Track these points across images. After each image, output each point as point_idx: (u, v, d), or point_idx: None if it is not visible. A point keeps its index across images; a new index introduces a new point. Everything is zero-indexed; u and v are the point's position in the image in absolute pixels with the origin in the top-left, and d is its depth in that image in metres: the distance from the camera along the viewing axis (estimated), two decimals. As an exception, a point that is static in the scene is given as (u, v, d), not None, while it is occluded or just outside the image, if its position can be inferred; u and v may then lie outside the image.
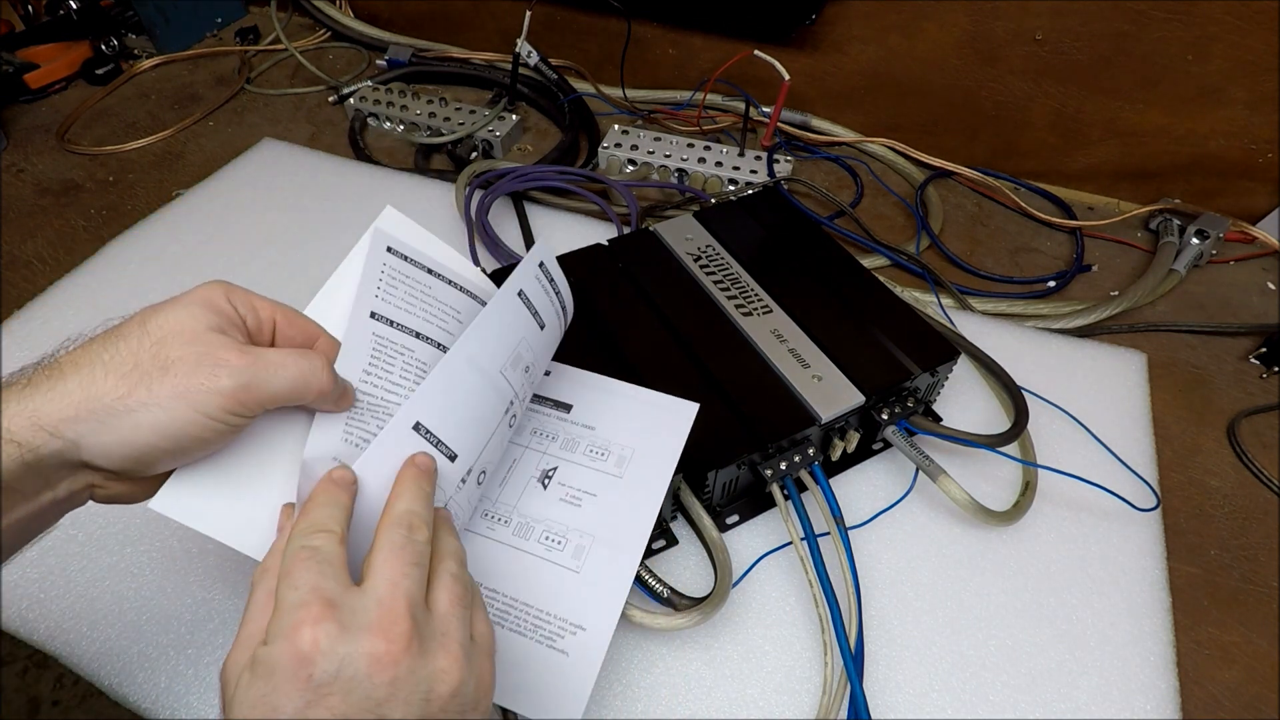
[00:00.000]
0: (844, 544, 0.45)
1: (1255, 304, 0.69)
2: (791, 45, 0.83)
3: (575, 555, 0.40)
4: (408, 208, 0.41)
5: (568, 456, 0.44)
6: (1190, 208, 0.75)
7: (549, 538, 0.41)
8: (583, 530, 0.41)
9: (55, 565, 0.46)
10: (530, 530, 0.41)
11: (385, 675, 0.25)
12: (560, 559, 0.40)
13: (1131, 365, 0.61)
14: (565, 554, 0.40)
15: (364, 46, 1.03)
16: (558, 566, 0.40)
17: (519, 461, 0.44)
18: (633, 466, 0.43)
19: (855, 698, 0.40)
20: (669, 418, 0.45)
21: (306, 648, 0.24)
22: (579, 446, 0.44)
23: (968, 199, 0.81)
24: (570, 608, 0.39)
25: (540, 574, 0.40)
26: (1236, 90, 0.69)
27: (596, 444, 0.44)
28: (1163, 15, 0.67)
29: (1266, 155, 0.71)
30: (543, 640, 0.38)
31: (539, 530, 0.41)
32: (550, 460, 0.44)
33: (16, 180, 0.81)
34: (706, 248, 0.59)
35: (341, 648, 0.24)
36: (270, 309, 0.33)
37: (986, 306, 0.67)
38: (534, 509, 0.42)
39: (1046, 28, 0.72)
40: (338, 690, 0.24)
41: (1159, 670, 0.44)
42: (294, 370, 0.30)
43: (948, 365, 0.51)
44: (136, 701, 0.41)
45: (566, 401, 0.46)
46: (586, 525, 0.41)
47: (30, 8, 0.98)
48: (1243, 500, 0.54)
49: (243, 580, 0.45)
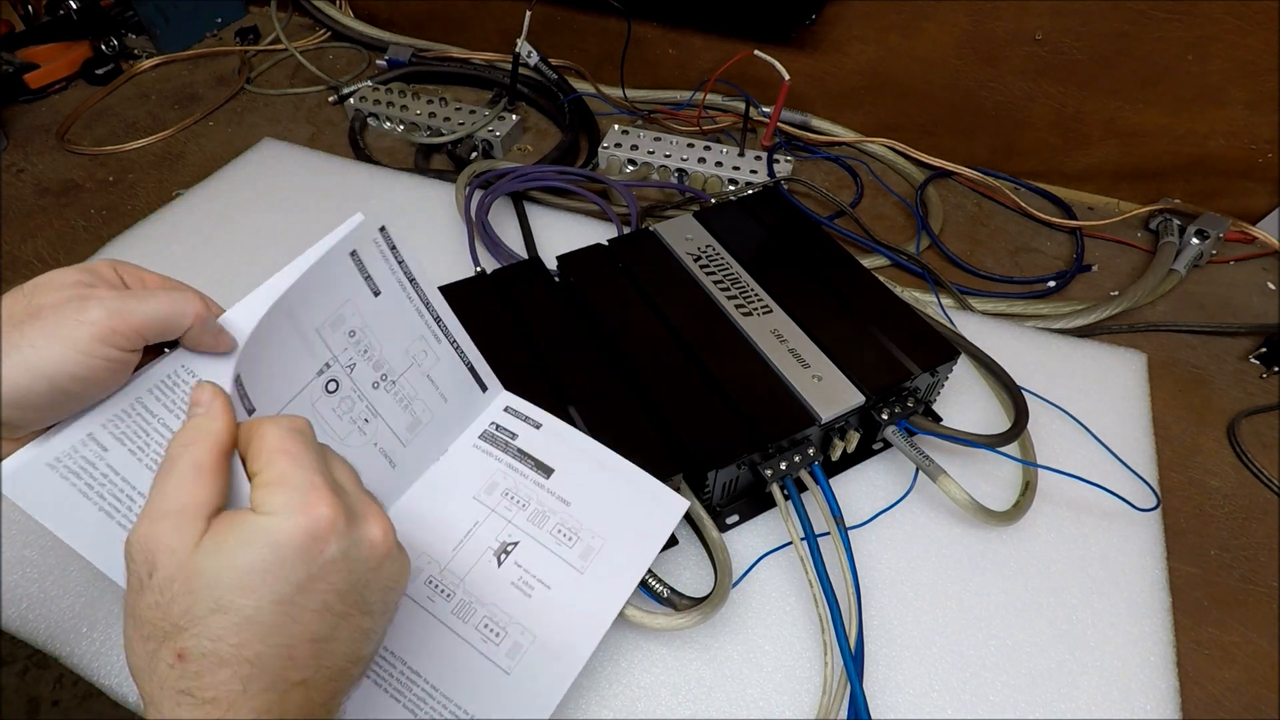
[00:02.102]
0: (844, 544, 0.45)
1: (1255, 304, 0.69)
2: (791, 45, 0.83)
3: (510, 654, 0.37)
4: (407, 207, 0.42)
5: (532, 532, 0.41)
6: (1190, 208, 0.75)
7: (489, 626, 0.38)
8: (525, 626, 0.38)
9: (55, 565, 0.46)
10: (471, 613, 0.38)
11: (375, 560, 0.28)
12: (494, 654, 0.37)
13: (1131, 365, 0.61)
14: (500, 650, 0.37)
15: (364, 46, 1.03)
16: (489, 662, 0.37)
17: (481, 525, 0.41)
18: (599, 562, 0.40)
19: (855, 698, 0.40)
20: (654, 509, 0.42)
21: (323, 527, 0.26)
22: (547, 523, 0.41)
23: (968, 199, 0.81)
24: (490, 711, 0.36)
25: (469, 665, 0.37)
26: (1236, 90, 0.69)
27: (567, 524, 0.41)
28: (1163, 15, 0.67)
29: (1266, 155, 0.71)
30: None
31: (480, 615, 0.38)
32: (513, 532, 0.41)
33: (16, 180, 0.81)
34: (706, 248, 0.59)
35: (352, 531, 0.27)
36: (159, 280, 0.33)
37: (986, 306, 0.67)
38: (482, 588, 0.39)
39: (1046, 28, 0.72)
40: (340, 569, 0.26)
41: (1159, 670, 0.44)
42: (164, 298, 0.30)
43: (948, 365, 0.51)
44: (136, 702, 0.41)
45: (548, 464, 0.43)
46: (531, 621, 0.38)
47: (30, 8, 0.98)
48: (1243, 500, 0.54)
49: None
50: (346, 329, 0.37)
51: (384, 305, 0.39)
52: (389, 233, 0.38)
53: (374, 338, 0.39)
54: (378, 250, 0.38)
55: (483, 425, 0.45)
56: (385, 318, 0.39)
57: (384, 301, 0.39)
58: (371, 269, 0.38)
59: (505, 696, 0.36)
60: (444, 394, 0.43)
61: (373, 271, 0.38)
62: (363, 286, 0.38)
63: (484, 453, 0.44)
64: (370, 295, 0.38)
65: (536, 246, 0.69)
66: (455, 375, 0.43)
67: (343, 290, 0.37)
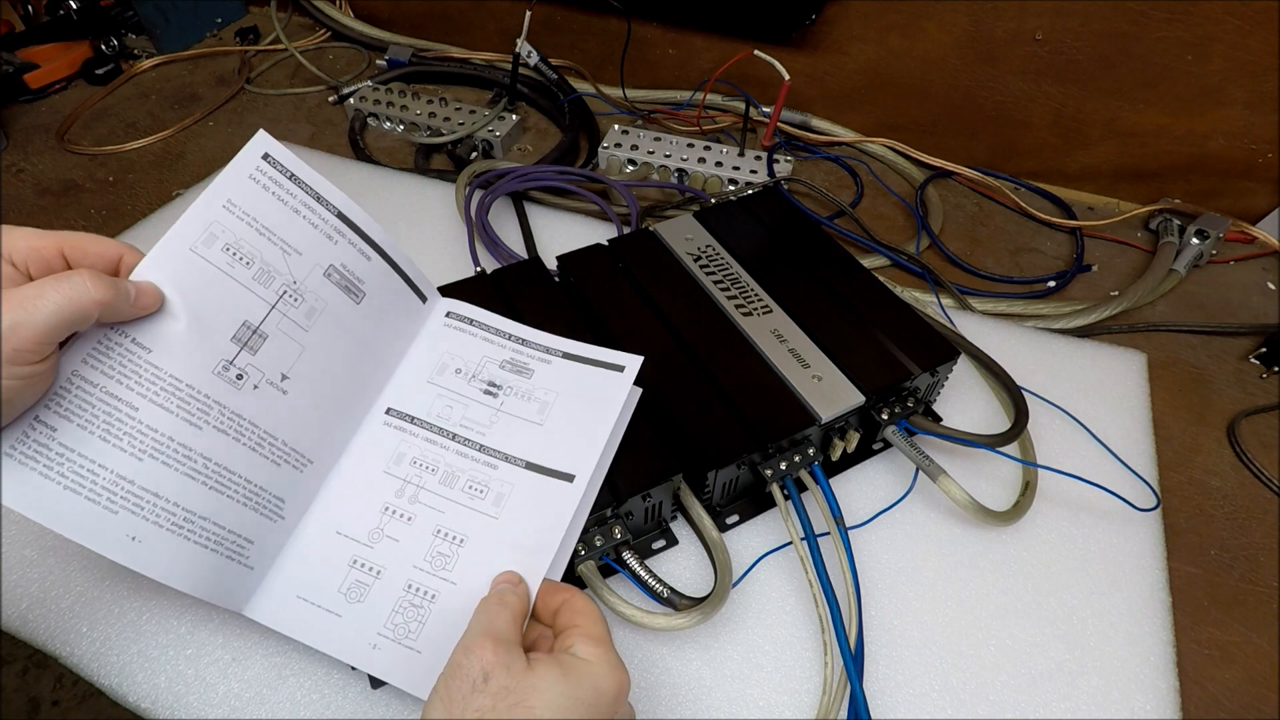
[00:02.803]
0: (844, 544, 0.45)
1: (1255, 304, 0.69)
2: (791, 45, 0.83)
3: (496, 503, 0.41)
4: (407, 208, 0.42)
5: (445, 493, 0.43)
6: (1190, 208, 0.75)
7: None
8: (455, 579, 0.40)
9: (55, 565, 0.46)
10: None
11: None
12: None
13: (1131, 365, 0.61)
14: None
15: (364, 46, 1.03)
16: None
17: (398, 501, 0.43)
18: (511, 505, 0.42)
19: (855, 698, 0.40)
20: (609, 377, 0.46)
21: (626, 689, 0.32)
22: (458, 482, 0.43)
23: (968, 199, 0.81)
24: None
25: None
26: (1236, 90, 0.69)
27: (476, 479, 0.43)
28: (1163, 15, 0.67)
29: (1266, 155, 0.71)
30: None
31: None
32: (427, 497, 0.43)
33: (16, 180, 0.81)
34: (706, 248, 0.59)
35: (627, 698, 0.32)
36: (55, 242, 0.32)
37: (986, 306, 0.67)
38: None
39: (1046, 28, 0.72)
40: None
41: (1159, 670, 0.44)
42: (54, 295, 0.29)
43: (948, 365, 0.51)
44: (136, 701, 0.41)
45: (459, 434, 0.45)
46: (461, 570, 0.40)
47: (30, 8, 0.98)
48: (1243, 500, 0.54)
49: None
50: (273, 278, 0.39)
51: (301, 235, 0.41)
52: (276, 158, 0.40)
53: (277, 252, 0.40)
54: (262, 188, 0.40)
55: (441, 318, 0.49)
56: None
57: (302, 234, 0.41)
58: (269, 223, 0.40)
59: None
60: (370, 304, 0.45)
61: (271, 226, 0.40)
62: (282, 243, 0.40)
63: (394, 429, 0.45)
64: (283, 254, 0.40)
65: (536, 246, 0.69)
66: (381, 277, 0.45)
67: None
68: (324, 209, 0.42)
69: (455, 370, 0.46)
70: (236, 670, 0.42)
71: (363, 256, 0.43)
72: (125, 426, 0.34)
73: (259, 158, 0.39)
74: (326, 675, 0.42)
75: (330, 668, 0.42)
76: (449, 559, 0.39)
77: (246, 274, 0.38)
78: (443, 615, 0.38)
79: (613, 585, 0.44)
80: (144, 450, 0.34)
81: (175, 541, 0.35)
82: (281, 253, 0.39)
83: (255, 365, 0.38)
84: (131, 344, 0.34)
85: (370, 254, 0.44)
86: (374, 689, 0.41)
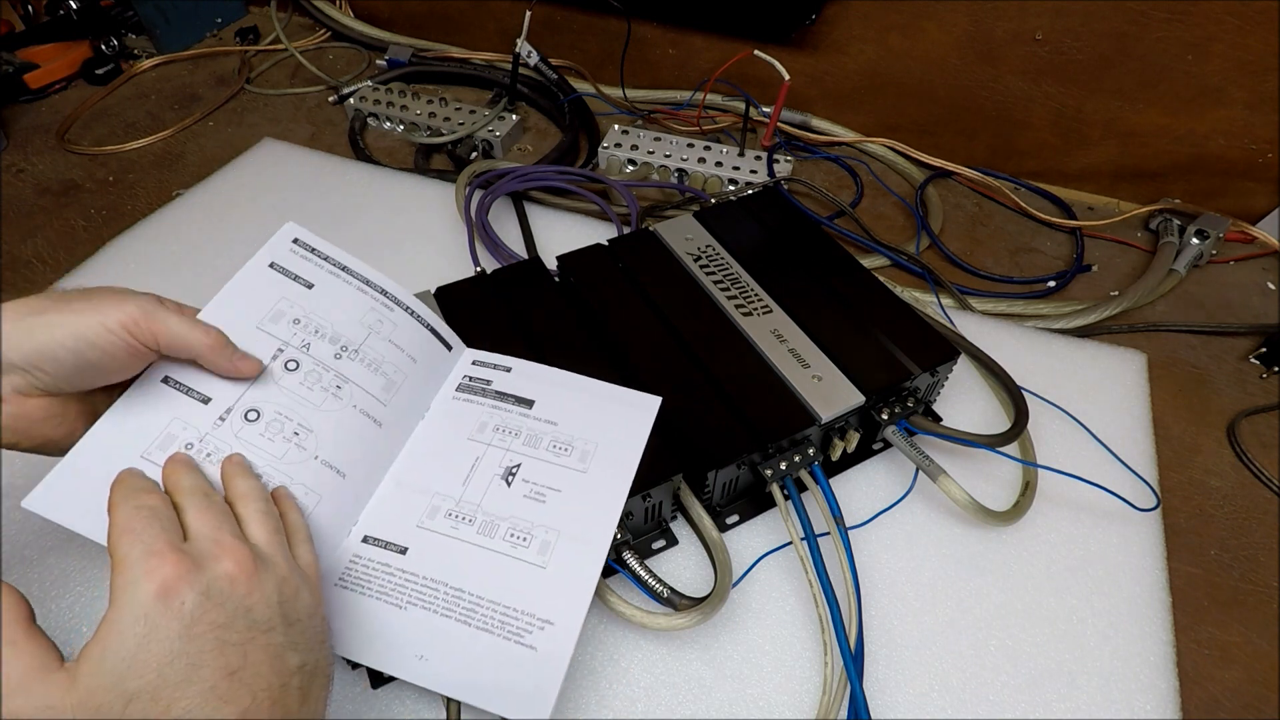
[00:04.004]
0: (844, 544, 0.45)
1: (1255, 304, 0.69)
2: (791, 45, 0.83)
3: (541, 551, 0.40)
4: (407, 207, 0.42)
5: (531, 453, 0.44)
6: (1190, 208, 0.75)
7: (514, 534, 0.41)
8: (548, 526, 0.41)
9: (55, 565, 0.46)
10: (495, 528, 0.41)
11: (243, 586, 0.29)
12: (526, 555, 0.40)
13: (1131, 365, 0.61)
14: (531, 550, 0.40)
15: (364, 46, 1.03)
16: (523, 563, 0.40)
17: (482, 460, 0.44)
18: (597, 461, 0.43)
19: (855, 698, 0.40)
20: (632, 412, 0.45)
21: (171, 582, 0.27)
22: (541, 442, 0.44)
23: (968, 199, 0.81)
24: (537, 603, 0.38)
25: (506, 571, 0.39)
26: (1236, 90, 0.69)
27: (560, 439, 0.44)
28: (1163, 15, 0.67)
29: (1266, 155, 0.71)
30: (510, 636, 0.37)
31: (504, 528, 0.41)
32: (513, 457, 0.44)
33: (16, 180, 0.81)
34: (706, 248, 0.59)
35: (203, 573, 0.28)
36: (205, 328, 0.37)
37: (986, 306, 0.67)
38: (498, 506, 0.42)
39: (1046, 28, 0.72)
40: (210, 608, 0.28)
41: (1159, 670, 0.44)
42: (189, 327, 0.36)
43: (948, 365, 0.51)
44: (136, 701, 0.41)
45: (527, 397, 0.46)
46: (552, 521, 0.41)
47: (30, 8, 0.98)
48: (1243, 500, 0.54)
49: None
50: (289, 319, 0.41)
51: (321, 293, 0.43)
52: (303, 240, 0.43)
53: (322, 319, 0.42)
54: (297, 256, 0.43)
55: (457, 380, 0.48)
56: (327, 302, 0.43)
57: (320, 291, 0.43)
58: (295, 270, 0.42)
59: (548, 586, 0.39)
60: (411, 355, 0.45)
61: (298, 271, 0.42)
62: (292, 285, 0.42)
63: (466, 401, 0.47)
64: (303, 290, 0.42)
65: (536, 246, 0.69)
66: (417, 337, 0.46)
67: (271, 293, 0.41)
68: (353, 277, 0.45)
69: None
70: (236, 670, 0.42)
71: (388, 308, 0.46)
72: None
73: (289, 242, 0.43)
74: (326, 675, 0.42)
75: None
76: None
77: (273, 328, 0.41)
78: None
79: (613, 585, 0.45)
80: None
81: None
82: (311, 312, 0.43)
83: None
84: None
85: (396, 308, 0.46)
86: (374, 689, 0.41)
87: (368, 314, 0.44)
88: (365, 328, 0.44)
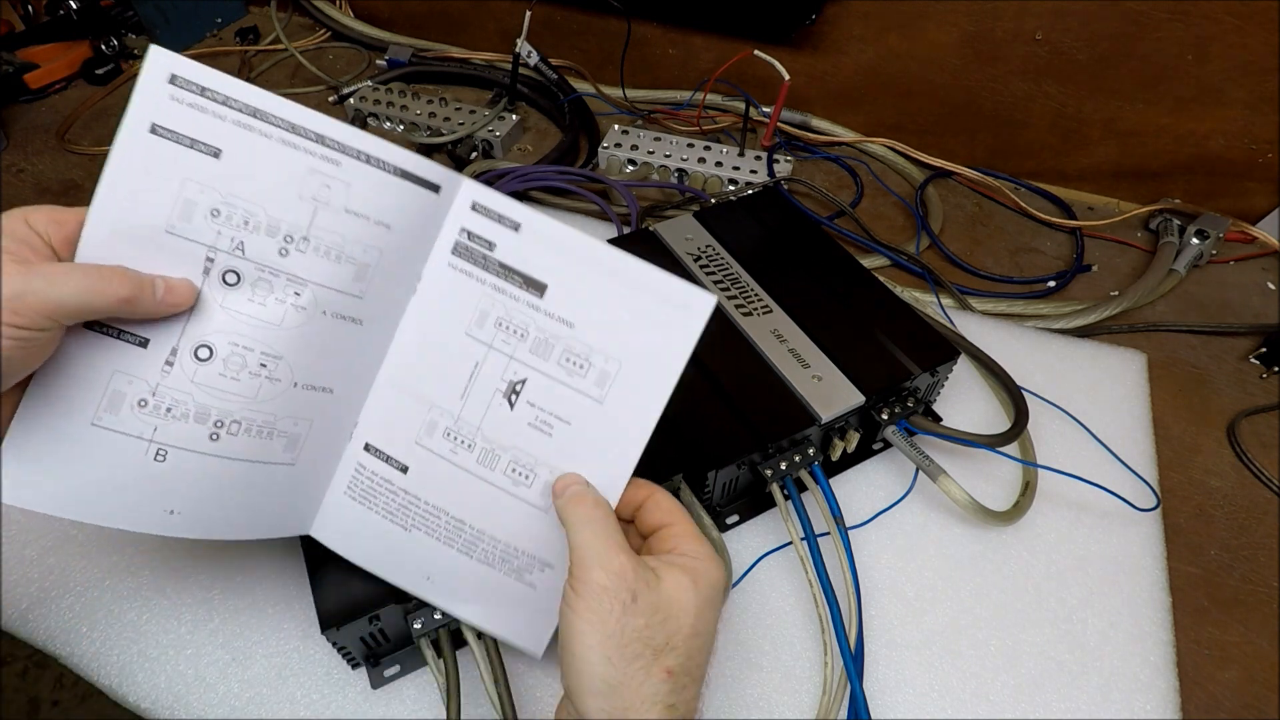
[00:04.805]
0: (844, 544, 0.45)
1: (1255, 304, 0.69)
2: (791, 45, 0.83)
3: (543, 494, 0.36)
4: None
5: (538, 365, 0.35)
6: (1190, 208, 0.75)
7: (516, 470, 0.36)
8: (553, 466, 0.36)
9: (55, 565, 0.46)
10: (496, 459, 0.36)
11: None
12: (528, 496, 0.36)
13: (1131, 365, 0.61)
14: (533, 491, 0.36)
15: (364, 46, 1.03)
16: (525, 504, 0.36)
17: (481, 367, 0.36)
18: (617, 389, 0.35)
19: (855, 698, 0.40)
20: (674, 316, 0.34)
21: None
22: (553, 351, 0.35)
23: (968, 199, 0.81)
24: (538, 546, 0.36)
25: (508, 509, 0.36)
26: (1236, 90, 0.69)
27: (575, 350, 0.35)
28: (1163, 15, 0.67)
29: (1266, 155, 0.71)
30: (510, 573, 0.36)
31: (505, 461, 0.36)
32: (518, 369, 0.35)
33: (16, 180, 0.81)
34: (706, 248, 0.59)
35: None
36: (76, 216, 0.32)
37: (986, 306, 0.67)
38: (500, 433, 0.36)
39: (1046, 28, 0.72)
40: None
41: (1159, 670, 0.44)
42: (78, 279, 0.29)
43: (948, 365, 0.51)
44: (136, 701, 0.41)
45: (539, 279, 0.35)
46: (557, 461, 0.36)
47: (30, 8, 0.98)
48: (1243, 500, 0.54)
49: (242, 581, 0.45)
50: (204, 211, 0.32)
51: (234, 161, 0.32)
52: (185, 78, 0.31)
53: (248, 202, 0.32)
54: (184, 106, 0.31)
55: (453, 235, 0.36)
56: (246, 173, 0.32)
57: (232, 158, 0.32)
58: (188, 131, 0.31)
59: (550, 531, 0.36)
60: (381, 220, 0.34)
61: (194, 133, 0.31)
62: (191, 156, 0.31)
63: (463, 274, 0.36)
64: (209, 161, 0.31)
65: (536, 246, 0.69)
66: (384, 191, 0.34)
67: (168, 176, 0.31)
68: (273, 125, 0.33)
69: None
70: (236, 670, 0.42)
71: (332, 164, 0.33)
72: None
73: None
74: (326, 675, 0.42)
75: (330, 667, 0.42)
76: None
77: (189, 229, 0.32)
78: None
79: (613, 585, 0.44)
80: None
81: None
82: (230, 196, 0.33)
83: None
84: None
85: (345, 159, 0.34)
86: (374, 689, 0.41)
87: (307, 179, 0.33)
88: (309, 201, 0.33)
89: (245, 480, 0.35)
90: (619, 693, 0.29)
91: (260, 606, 0.44)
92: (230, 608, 0.44)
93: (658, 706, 0.29)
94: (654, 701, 0.29)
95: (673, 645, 0.30)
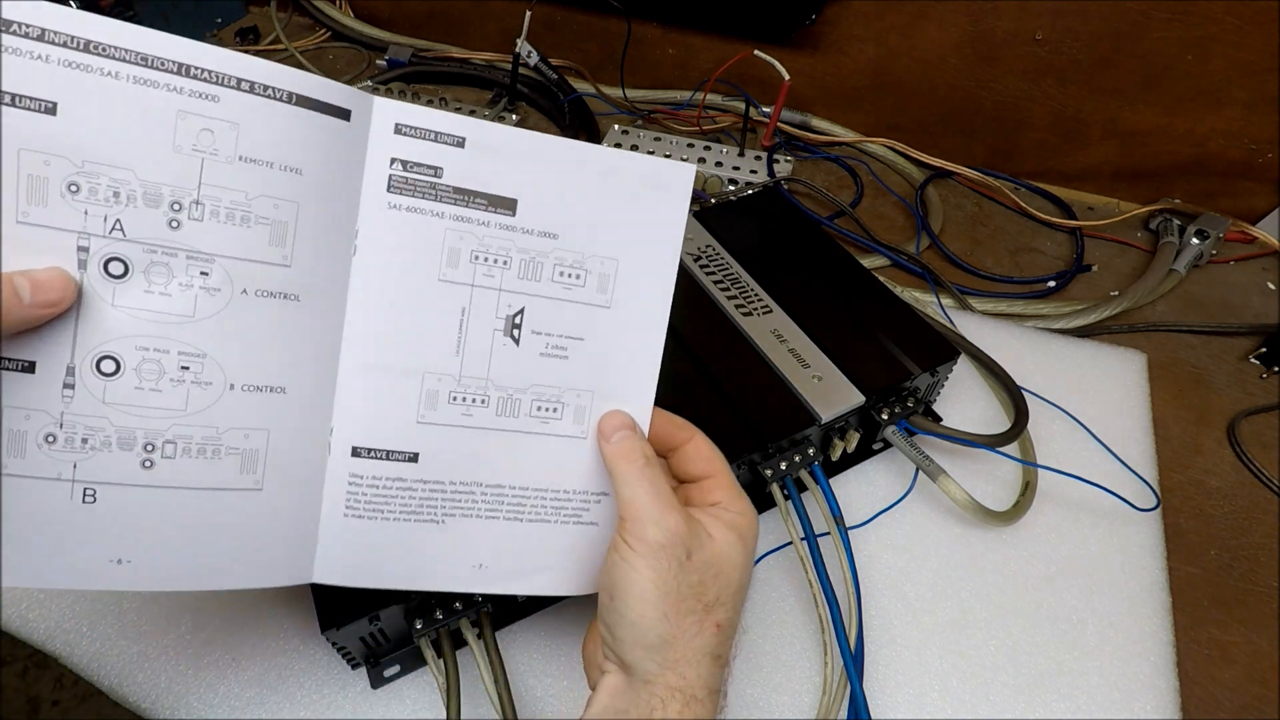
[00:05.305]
0: (844, 544, 0.45)
1: (1255, 304, 0.69)
2: (791, 45, 0.83)
3: (577, 419, 0.33)
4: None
5: (531, 289, 0.32)
6: (1190, 208, 0.75)
7: (541, 407, 0.33)
8: (579, 388, 0.33)
9: (55, 565, 0.46)
10: (517, 404, 0.33)
11: None
12: (561, 429, 0.33)
13: (1131, 365, 0.61)
14: (565, 422, 0.33)
15: (364, 46, 1.03)
16: (561, 438, 0.33)
17: (470, 311, 0.31)
18: (621, 286, 0.33)
19: (855, 698, 0.40)
20: (654, 195, 0.32)
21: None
22: (543, 270, 0.32)
23: (968, 199, 0.81)
24: (587, 478, 0.34)
25: (544, 451, 0.33)
26: (1236, 90, 0.69)
27: (566, 262, 0.32)
28: (1163, 15, 0.67)
29: (1266, 155, 0.71)
30: (568, 519, 0.34)
31: (527, 401, 0.33)
32: (510, 300, 0.32)
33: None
34: (706, 248, 0.59)
35: None
36: None
37: (986, 306, 0.67)
38: (513, 375, 0.32)
39: (1046, 28, 0.72)
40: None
41: (1159, 670, 0.44)
42: None
43: (948, 365, 0.51)
44: (136, 701, 0.41)
45: (505, 195, 0.31)
46: (582, 380, 0.33)
47: (30, 8, 0.98)
48: (1243, 500, 0.54)
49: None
50: (59, 187, 0.25)
51: (80, 114, 0.25)
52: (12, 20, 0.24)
53: (112, 168, 0.26)
54: (8, 54, 0.24)
55: (383, 170, 0.30)
56: (98, 128, 0.25)
57: (75, 109, 0.25)
58: (17, 86, 0.24)
59: (595, 455, 0.34)
60: (288, 164, 0.28)
61: (22, 88, 0.24)
62: (26, 118, 0.24)
63: (411, 212, 0.30)
64: (46, 120, 0.25)
65: (536, 246, 0.69)
66: (283, 126, 0.27)
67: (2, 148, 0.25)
68: (125, 62, 0.26)
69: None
70: (236, 670, 0.42)
71: (209, 100, 0.27)
72: None
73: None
74: (326, 675, 0.42)
75: (330, 667, 0.42)
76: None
77: (42, 214, 0.26)
78: None
79: (613, 585, 0.44)
80: None
81: None
82: (84, 164, 0.26)
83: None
84: None
85: (223, 95, 0.27)
86: (374, 689, 0.41)
87: (179, 125, 0.26)
88: (189, 153, 0.26)
89: (201, 514, 0.30)
90: (672, 646, 0.29)
91: (260, 606, 0.44)
92: (230, 608, 0.44)
93: (707, 659, 0.30)
94: (704, 654, 0.30)
95: (722, 600, 0.31)
